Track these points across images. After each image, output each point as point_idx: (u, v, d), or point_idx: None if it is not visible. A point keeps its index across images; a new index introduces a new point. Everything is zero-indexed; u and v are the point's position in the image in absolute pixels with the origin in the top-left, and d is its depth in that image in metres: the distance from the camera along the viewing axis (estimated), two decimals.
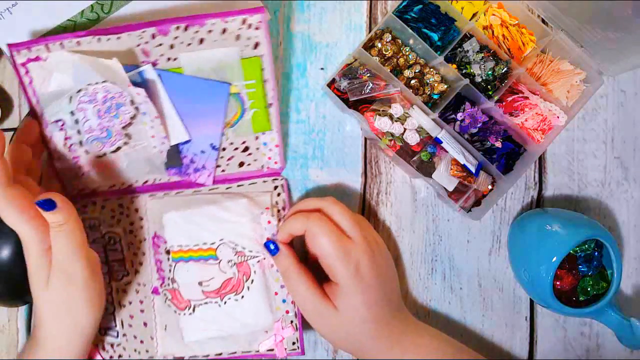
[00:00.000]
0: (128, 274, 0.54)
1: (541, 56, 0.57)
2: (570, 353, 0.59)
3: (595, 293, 0.54)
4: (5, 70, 0.55)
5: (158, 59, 0.48)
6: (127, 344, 0.54)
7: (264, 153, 0.54)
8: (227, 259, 0.53)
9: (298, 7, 0.57)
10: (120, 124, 0.49)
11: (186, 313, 0.54)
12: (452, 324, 0.59)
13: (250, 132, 0.53)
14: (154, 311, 0.54)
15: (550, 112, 0.56)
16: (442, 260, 0.59)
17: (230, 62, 0.49)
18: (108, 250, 0.54)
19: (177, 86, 0.49)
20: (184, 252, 0.53)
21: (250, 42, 0.49)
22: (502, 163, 0.56)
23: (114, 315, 0.54)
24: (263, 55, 0.50)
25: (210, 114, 0.51)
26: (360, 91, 0.54)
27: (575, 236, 0.52)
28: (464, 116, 0.55)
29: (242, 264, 0.53)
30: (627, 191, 0.61)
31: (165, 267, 0.54)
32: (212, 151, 0.53)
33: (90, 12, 0.49)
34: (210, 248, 0.53)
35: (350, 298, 0.48)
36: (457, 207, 0.55)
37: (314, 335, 0.57)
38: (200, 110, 0.51)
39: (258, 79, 0.50)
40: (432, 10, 0.55)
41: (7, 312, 0.55)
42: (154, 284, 0.54)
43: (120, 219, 0.54)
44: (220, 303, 0.53)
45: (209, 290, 0.53)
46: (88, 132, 0.49)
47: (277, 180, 0.55)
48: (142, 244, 0.54)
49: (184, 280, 0.53)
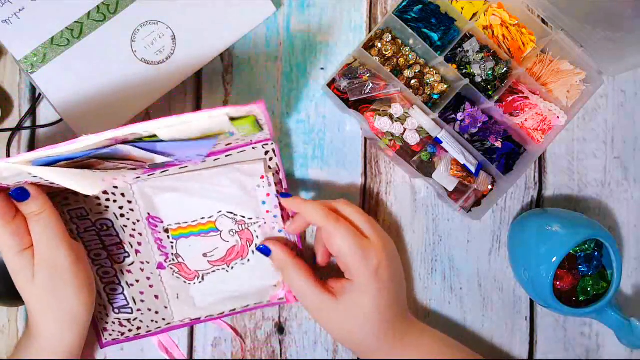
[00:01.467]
0: (129, 255, 0.54)
1: (541, 56, 0.57)
2: (570, 353, 0.59)
3: (595, 293, 0.54)
4: (6, 70, 0.55)
5: (128, 137, 0.41)
6: (143, 317, 0.55)
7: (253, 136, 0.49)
8: (227, 229, 0.53)
9: (298, 7, 0.57)
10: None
11: (195, 282, 0.54)
12: (452, 324, 0.59)
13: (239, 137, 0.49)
14: (163, 284, 0.54)
15: (550, 112, 0.56)
16: (442, 260, 0.59)
17: (218, 126, 0.41)
18: (102, 236, 0.53)
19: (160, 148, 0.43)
20: (183, 229, 0.53)
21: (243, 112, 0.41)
22: (502, 163, 0.56)
23: (124, 294, 0.54)
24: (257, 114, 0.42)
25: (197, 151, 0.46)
26: (360, 91, 0.54)
27: (575, 236, 0.52)
28: (464, 116, 0.55)
29: (243, 232, 0.53)
30: (627, 191, 0.61)
31: (167, 244, 0.53)
32: (198, 157, 0.49)
33: (97, 13, 0.49)
34: (209, 221, 0.53)
35: (361, 296, 0.48)
36: (457, 207, 0.55)
37: (313, 335, 0.57)
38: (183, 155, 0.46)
39: (251, 123, 0.43)
40: (432, 10, 0.55)
41: (7, 312, 0.55)
42: (158, 260, 0.54)
43: (107, 205, 0.52)
44: (228, 269, 0.54)
45: (214, 259, 0.54)
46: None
47: (267, 146, 0.52)
48: (136, 225, 0.53)
49: (188, 255, 0.54)
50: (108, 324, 0.54)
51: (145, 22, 0.50)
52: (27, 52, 0.48)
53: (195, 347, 0.57)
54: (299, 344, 0.57)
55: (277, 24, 0.57)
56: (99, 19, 0.49)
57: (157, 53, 0.50)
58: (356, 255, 0.48)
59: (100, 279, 0.53)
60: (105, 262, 0.53)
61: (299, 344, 0.57)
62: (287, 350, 0.57)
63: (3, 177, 0.41)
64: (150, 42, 0.50)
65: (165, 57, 0.51)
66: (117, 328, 0.55)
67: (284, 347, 0.57)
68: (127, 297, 0.54)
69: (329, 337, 0.57)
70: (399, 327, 0.51)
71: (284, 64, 0.57)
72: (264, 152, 0.53)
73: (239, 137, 0.48)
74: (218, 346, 0.57)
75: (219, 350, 0.57)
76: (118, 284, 0.54)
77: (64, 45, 0.49)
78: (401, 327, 0.51)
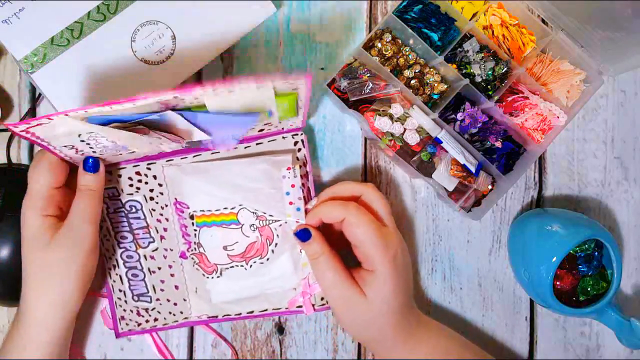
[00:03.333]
0: (154, 240, 0.54)
1: (541, 56, 0.57)
2: (570, 353, 0.59)
3: (595, 293, 0.54)
4: (6, 70, 0.55)
5: (179, 104, 0.43)
6: (161, 307, 0.55)
7: (286, 123, 0.52)
8: (248, 223, 0.53)
9: (298, 7, 0.57)
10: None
11: (213, 277, 0.54)
12: (452, 324, 0.58)
13: (275, 120, 0.50)
14: (184, 274, 0.55)
15: (550, 112, 0.56)
16: (442, 260, 0.59)
17: (262, 99, 0.44)
18: (130, 218, 0.54)
19: (201, 119, 0.45)
20: (206, 217, 0.53)
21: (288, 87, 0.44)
22: (502, 163, 0.56)
23: (145, 281, 0.54)
24: (300, 92, 0.45)
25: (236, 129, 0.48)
26: (360, 91, 0.54)
27: (575, 236, 0.52)
28: (464, 116, 0.55)
29: (264, 228, 0.53)
30: (627, 191, 0.61)
31: (191, 232, 0.54)
32: (233, 140, 0.49)
33: (97, 13, 0.49)
34: (232, 212, 0.53)
35: (383, 286, 0.48)
36: (457, 207, 0.55)
37: (313, 335, 0.57)
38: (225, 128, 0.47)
39: (291, 102, 0.46)
40: (432, 10, 0.55)
41: (7, 312, 0.55)
42: (181, 248, 0.54)
43: (139, 186, 0.53)
44: (246, 266, 0.54)
45: (233, 254, 0.54)
46: (102, 148, 0.47)
47: (297, 136, 0.54)
48: (164, 209, 0.54)
49: (209, 245, 0.54)
50: (126, 311, 0.55)
51: (145, 22, 0.50)
52: (27, 52, 0.48)
53: (195, 347, 0.57)
54: (299, 344, 0.57)
55: (277, 24, 0.57)
56: (99, 19, 0.49)
57: (157, 53, 0.50)
58: (379, 245, 0.48)
59: (124, 263, 0.54)
60: (129, 246, 0.54)
61: (299, 344, 0.57)
62: (287, 350, 0.57)
63: (55, 134, 0.42)
64: (151, 42, 0.50)
65: (165, 57, 0.51)
66: (135, 317, 0.55)
67: (284, 347, 0.57)
68: (148, 284, 0.54)
69: (329, 337, 0.57)
70: (411, 320, 0.51)
71: (284, 64, 0.57)
72: (293, 143, 0.54)
73: (275, 121, 0.49)
74: (218, 346, 0.57)
75: (219, 350, 0.57)
76: (140, 269, 0.54)
77: (64, 45, 0.49)
78: (413, 320, 0.52)
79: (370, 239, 0.48)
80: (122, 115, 0.42)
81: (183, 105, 0.43)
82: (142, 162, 0.53)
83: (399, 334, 0.50)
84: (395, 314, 0.50)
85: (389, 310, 0.49)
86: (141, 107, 0.42)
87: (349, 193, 0.52)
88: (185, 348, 0.57)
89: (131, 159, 0.52)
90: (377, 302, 0.49)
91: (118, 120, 0.43)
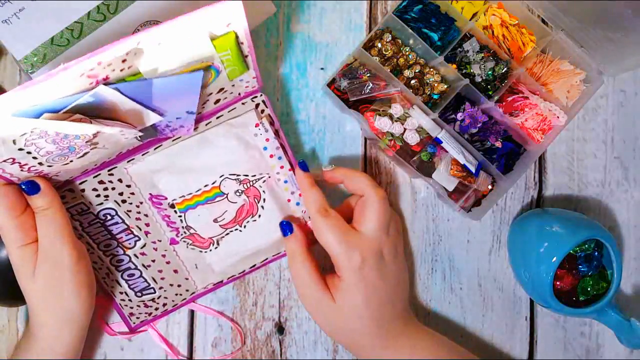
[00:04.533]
0: (139, 238, 0.54)
1: (541, 56, 0.57)
2: (570, 353, 0.59)
3: (595, 293, 0.54)
4: (6, 71, 0.55)
5: (109, 74, 0.38)
6: (167, 292, 0.55)
7: (241, 86, 0.50)
8: (233, 190, 0.53)
9: (298, 7, 0.57)
10: (84, 141, 0.42)
11: (211, 249, 0.55)
12: (452, 324, 0.59)
13: (226, 81, 0.48)
14: (180, 258, 0.55)
15: (550, 112, 0.56)
16: (442, 260, 0.59)
17: (199, 48, 0.41)
18: (108, 226, 0.53)
19: (140, 91, 0.41)
20: (188, 201, 0.53)
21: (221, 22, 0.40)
22: (502, 163, 0.56)
23: (143, 277, 0.54)
24: (238, 30, 0.41)
25: (184, 97, 0.44)
26: (360, 91, 0.54)
27: (575, 236, 0.52)
28: (464, 116, 0.55)
29: (249, 189, 0.53)
30: (627, 191, 0.61)
31: (175, 219, 0.53)
32: (189, 115, 0.47)
33: (97, 13, 0.49)
34: (213, 187, 0.53)
35: (350, 294, 0.48)
36: (457, 207, 0.55)
37: (313, 335, 0.57)
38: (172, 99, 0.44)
39: (232, 46, 0.42)
40: (432, 10, 0.55)
41: (7, 312, 0.55)
42: (169, 236, 0.54)
43: (107, 194, 0.51)
44: (240, 228, 0.54)
45: (225, 222, 0.54)
46: (46, 155, 0.42)
47: (256, 98, 0.52)
48: (140, 206, 0.53)
49: (199, 224, 0.54)
50: (133, 308, 0.55)
51: (145, 22, 0.50)
52: (27, 52, 0.48)
53: (195, 347, 0.57)
54: (299, 344, 0.57)
55: (277, 24, 0.57)
56: (99, 19, 0.49)
57: None
58: (340, 250, 0.47)
59: (116, 268, 0.54)
60: (117, 251, 0.53)
61: (299, 344, 0.57)
62: (287, 350, 0.57)
63: None
64: None
65: None
66: (143, 310, 0.55)
67: (284, 347, 0.57)
68: (147, 278, 0.54)
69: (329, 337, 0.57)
70: (395, 327, 0.51)
71: (284, 64, 0.57)
72: (255, 106, 0.52)
73: (226, 84, 0.47)
74: (218, 346, 0.57)
75: (219, 350, 0.57)
76: (135, 268, 0.54)
77: (64, 45, 0.49)
78: (398, 328, 0.51)
79: (332, 242, 0.48)
80: (53, 103, 0.37)
81: (115, 76, 0.38)
82: (102, 170, 0.51)
83: (377, 341, 0.50)
84: (370, 321, 0.49)
85: (359, 318, 0.49)
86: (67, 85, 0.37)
87: (358, 188, 0.51)
88: (185, 348, 0.57)
89: (89, 168, 0.49)
90: (346, 310, 0.49)
91: (49, 110, 0.38)
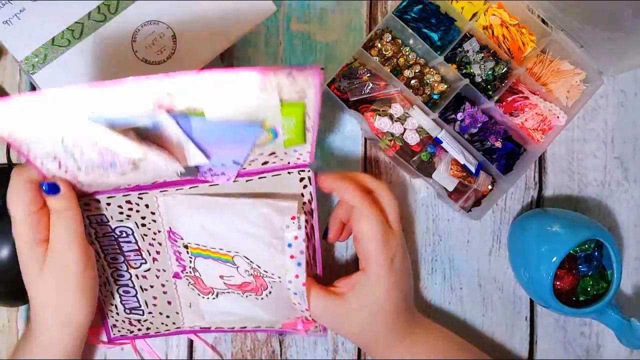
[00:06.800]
0: (146, 262, 0.53)
1: (541, 56, 0.57)
2: (570, 353, 0.59)
3: (595, 293, 0.54)
4: (5, 71, 0.55)
5: (173, 107, 0.39)
6: (154, 319, 0.55)
7: (292, 155, 0.47)
8: (244, 268, 0.51)
9: (298, 7, 0.57)
10: (127, 160, 0.42)
11: (210, 297, 0.54)
12: (452, 324, 0.59)
13: (280, 148, 0.45)
14: (177, 292, 0.54)
15: (550, 112, 0.56)
16: (442, 260, 0.59)
17: (267, 107, 0.40)
18: (121, 242, 0.52)
19: (197, 130, 0.41)
20: (202, 250, 0.52)
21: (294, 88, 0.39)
22: (502, 163, 0.56)
23: (137, 297, 0.54)
24: (308, 102, 0.40)
25: (235, 148, 0.44)
26: (360, 91, 0.54)
27: (575, 236, 0.52)
28: (464, 116, 0.55)
29: (258, 277, 0.51)
30: (627, 191, 0.61)
31: (185, 258, 0.52)
32: (234, 165, 0.46)
33: (98, 14, 0.49)
34: (227, 255, 0.51)
35: (375, 287, 0.48)
36: (457, 207, 0.55)
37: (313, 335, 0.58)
38: (224, 145, 0.43)
39: (298, 116, 0.41)
40: (432, 10, 0.55)
41: (7, 312, 0.55)
42: (175, 269, 0.53)
43: (129, 214, 0.50)
44: (242, 295, 0.53)
45: (230, 284, 0.53)
46: (87, 162, 0.43)
47: (303, 172, 0.49)
48: (157, 235, 0.52)
49: (205, 272, 0.53)
50: (118, 321, 0.54)
51: (146, 22, 0.50)
52: (27, 52, 0.48)
53: (195, 347, 0.57)
54: (299, 344, 0.57)
55: (277, 24, 0.57)
56: (100, 19, 0.49)
57: (157, 53, 0.50)
58: (380, 244, 0.48)
59: (115, 281, 0.53)
60: (121, 266, 0.53)
61: (299, 344, 0.57)
62: (287, 350, 0.57)
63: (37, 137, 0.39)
64: (151, 42, 0.50)
65: (166, 57, 0.51)
66: (127, 326, 0.55)
67: (284, 347, 0.57)
68: (140, 300, 0.54)
69: (329, 337, 0.57)
70: (408, 321, 0.51)
71: (284, 64, 0.57)
72: (299, 179, 0.49)
73: (279, 149, 0.45)
74: (218, 346, 0.57)
75: (219, 350, 0.57)
76: (132, 287, 0.54)
77: (65, 45, 0.49)
78: (410, 321, 0.51)
79: (374, 235, 0.48)
80: (112, 118, 0.38)
81: (177, 109, 0.39)
82: (133, 192, 0.49)
83: (395, 334, 0.50)
84: (391, 314, 0.49)
85: (380, 311, 0.49)
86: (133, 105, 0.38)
87: (364, 184, 0.50)
88: (185, 348, 0.57)
89: (121, 187, 0.48)
90: (365, 303, 0.49)
91: (107, 123, 0.39)
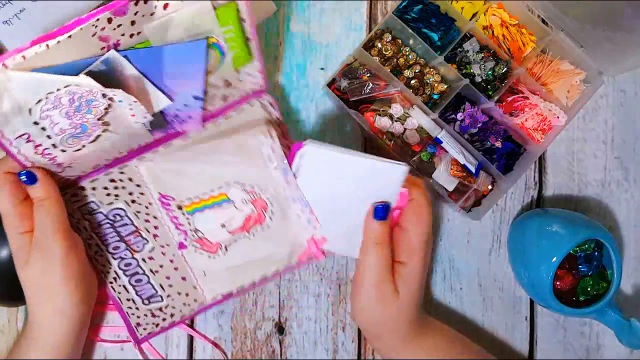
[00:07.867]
0: (147, 241, 0.53)
1: (541, 56, 0.57)
2: (570, 353, 0.59)
3: (595, 293, 0.54)
4: None
5: (119, 39, 0.42)
6: (174, 302, 0.55)
7: (247, 81, 0.51)
8: (239, 198, 0.52)
9: (298, 7, 0.57)
10: (95, 117, 0.45)
11: (220, 254, 0.54)
12: (452, 324, 0.58)
13: (231, 69, 0.49)
14: (188, 265, 0.54)
15: (550, 112, 0.56)
16: (442, 260, 0.59)
17: (203, 18, 0.43)
18: (117, 227, 0.53)
19: (149, 60, 0.44)
20: (196, 204, 0.53)
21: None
22: (502, 163, 0.56)
23: (151, 283, 0.54)
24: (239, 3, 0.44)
25: (190, 73, 0.47)
26: (360, 91, 0.54)
27: (575, 236, 0.52)
28: (464, 116, 0.55)
29: (256, 200, 0.53)
30: (627, 191, 0.61)
31: (184, 221, 0.53)
32: (196, 102, 0.49)
33: None
34: (221, 193, 0.52)
35: (413, 282, 0.49)
36: (457, 207, 0.55)
37: (313, 335, 0.57)
38: (178, 73, 0.46)
39: (234, 22, 0.45)
40: (432, 10, 0.55)
41: (7, 312, 0.55)
42: (178, 239, 0.54)
43: (117, 193, 0.52)
44: (249, 236, 0.54)
45: (233, 229, 0.53)
46: (60, 134, 0.45)
47: (263, 100, 0.53)
48: (149, 208, 0.53)
49: (206, 228, 0.53)
50: (140, 317, 0.54)
51: None
52: None
53: (195, 347, 0.57)
54: (299, 344, 0.57)
55: (277, 24, 0.57)
56: None
57: None
58: (425, 239, 0.48)
59: (124, 272, 0.53)
60: (125, 254, 0.53)
61: (299, 344, 0.57)
62: (287, 350, 0.57)
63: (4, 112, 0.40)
64: None
65: None
66: (150, 320, 0.54)
67: (284, 347, 0.57)
68: (154, 285, 0.54)
69: (329, 337, 0.57)
70: (421, 313, 0.52)
71: (284, 64, 0.57)
72: (262, 106, 0.53)
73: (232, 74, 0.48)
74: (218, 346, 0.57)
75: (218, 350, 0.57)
76: (142, 273, 0.54)
77: None
78: (422, 313, 0.52)
79: (426, 228, 0.48)
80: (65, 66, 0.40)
81: (125, 43, 0.42)
82: (114, 168, 0.52)
83: (412, 329, 0.50)
84: (415, 309, 0.50)
85: (416, 307, 0.50)
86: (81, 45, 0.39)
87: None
88: (185, 348, 0.57)
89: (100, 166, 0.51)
90: (407, 299, 0.49)
91: (62, 73, 0.40)
